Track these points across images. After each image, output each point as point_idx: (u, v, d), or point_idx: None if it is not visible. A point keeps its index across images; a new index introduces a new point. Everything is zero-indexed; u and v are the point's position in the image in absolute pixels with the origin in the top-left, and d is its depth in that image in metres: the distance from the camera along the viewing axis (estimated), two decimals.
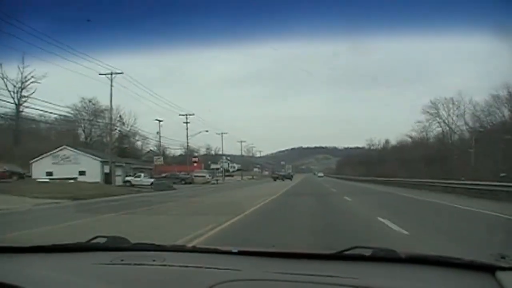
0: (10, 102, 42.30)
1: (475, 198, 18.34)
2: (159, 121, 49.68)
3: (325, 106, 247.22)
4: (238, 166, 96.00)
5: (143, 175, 39.27)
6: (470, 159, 38.59)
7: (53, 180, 32.22)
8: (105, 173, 36.39)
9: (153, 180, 37.20)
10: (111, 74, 33.96)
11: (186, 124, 53.02)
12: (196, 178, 51.29)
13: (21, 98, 44.94)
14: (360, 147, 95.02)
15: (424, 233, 8.51)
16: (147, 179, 37.97)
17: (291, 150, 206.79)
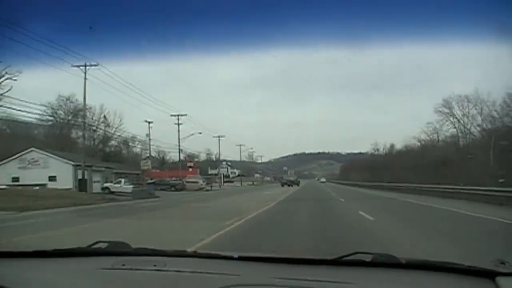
0: None
1: None
2: (149, 122, 45.95)
3: (328, 111, 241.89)
4: (238, 172, 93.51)
5: (124, 181, 34.94)
6: (489, 162, 35.10)
7: (13, 187, 28.16)
8: (78, 179, 32.27)
9: (132, 186, 33.14)
10: (85, 66, 30.07)
11: (178, 125, 49.49)
12: (188, 184, 47.61)
13: None
14: (363, 152, 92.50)
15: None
16: (128, 186, 33.73)
17: (294, 155, 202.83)
